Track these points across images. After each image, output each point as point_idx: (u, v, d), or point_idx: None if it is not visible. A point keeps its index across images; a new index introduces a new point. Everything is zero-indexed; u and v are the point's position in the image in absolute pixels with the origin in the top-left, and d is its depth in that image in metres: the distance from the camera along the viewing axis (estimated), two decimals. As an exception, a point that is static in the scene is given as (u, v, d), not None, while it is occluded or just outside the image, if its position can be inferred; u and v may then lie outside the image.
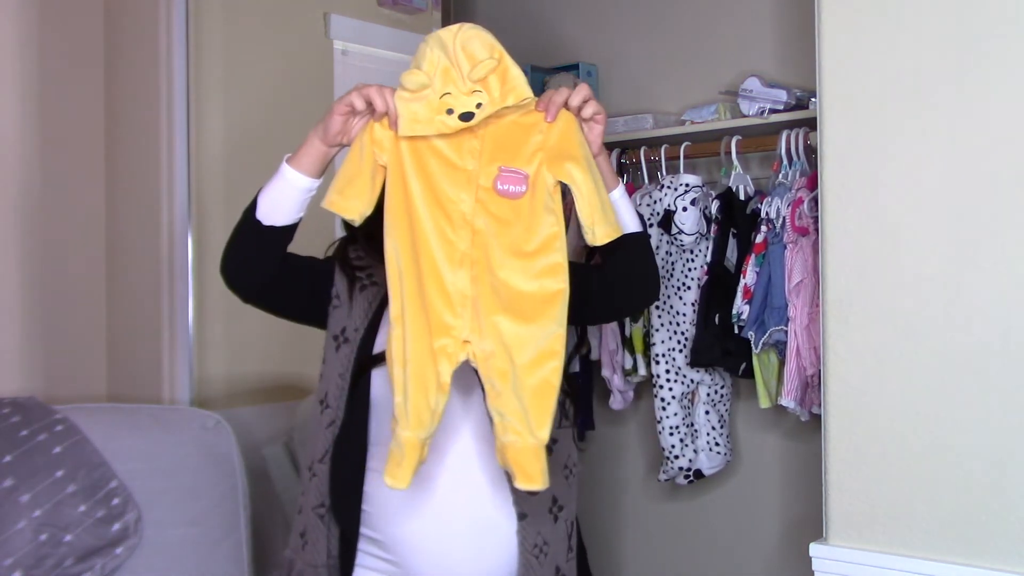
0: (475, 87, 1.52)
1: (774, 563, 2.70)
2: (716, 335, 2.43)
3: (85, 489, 2.02)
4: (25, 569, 1.91)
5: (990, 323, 1.66)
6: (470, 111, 1.51)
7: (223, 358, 2.58)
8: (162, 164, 2.47)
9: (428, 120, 1.52)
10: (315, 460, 1.67)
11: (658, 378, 2.54)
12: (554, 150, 1.53)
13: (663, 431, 2.54)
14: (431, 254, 1.51)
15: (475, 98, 1.52)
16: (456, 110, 1.51)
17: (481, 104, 1.52)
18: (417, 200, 1.54)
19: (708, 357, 2.47)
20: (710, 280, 2.47)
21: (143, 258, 2.53)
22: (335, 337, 1.69)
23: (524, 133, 1.54)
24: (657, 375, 2.54)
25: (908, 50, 1.73)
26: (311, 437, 1.70)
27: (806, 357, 2.28)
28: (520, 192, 1.52)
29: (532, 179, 1.52)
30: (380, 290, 1.69)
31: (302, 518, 1.70)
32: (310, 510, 1.67)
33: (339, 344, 1.68)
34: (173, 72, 2.45)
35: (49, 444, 2.04)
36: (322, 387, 1.70)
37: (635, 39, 2.96)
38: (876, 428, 1.76)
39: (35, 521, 1.94)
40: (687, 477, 2.57)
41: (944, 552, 1.69)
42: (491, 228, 1.51)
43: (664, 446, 2.55)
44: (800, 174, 2.40)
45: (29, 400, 2.18)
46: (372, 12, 2.92)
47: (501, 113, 1.54)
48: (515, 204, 1.51)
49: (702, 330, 2.45)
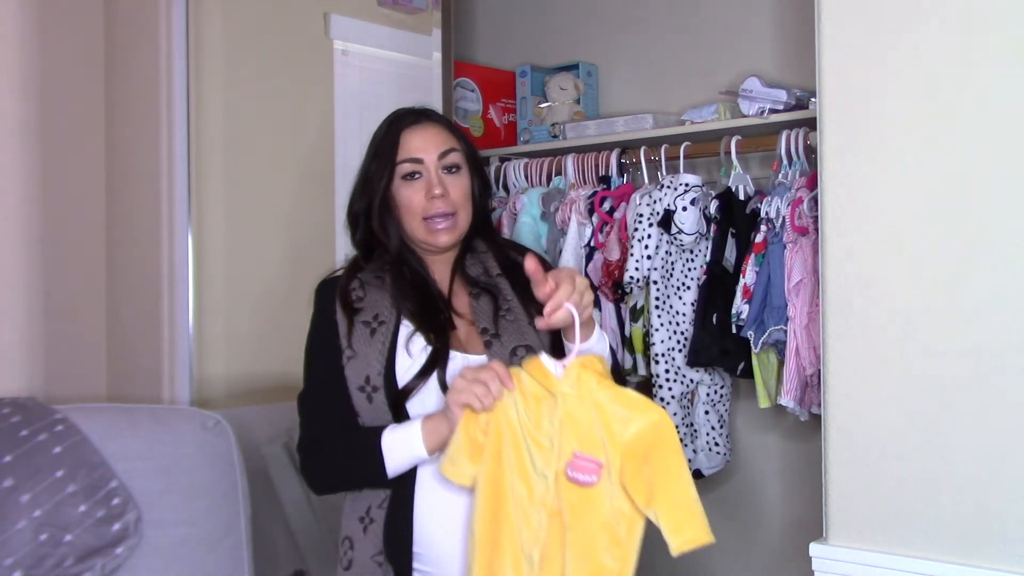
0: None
1: (774, 563, 2.70)
2: (714, 335, 2.44)
3: (85, 489, 2.02)
4: (25, 569, 1.90)
5: (990, 323, 1.66)
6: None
7: (223, 358, 2.58)
8: (162, 164, 2.47)
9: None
10: (373, 505, 1.71)
11: (657, 378, 2.54)
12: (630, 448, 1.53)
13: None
14: (512, 531, 1.53)
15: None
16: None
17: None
18: (507, 471, 1.55)
19: (706, 357, 2.47)
20: (708, 280, 2.47)
21: (143, 258, 2.53)
22: (361, 388, 1.71)
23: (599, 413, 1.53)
24: (656, 375, 2.55)
25: (908, 50, 1.73)
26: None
27: (805, 357, 2.28)
28: (592, 482, 1.51)
29: (606, 468, 1.52)
30: (389, 327, 1.71)
31: (358, 563, 1.72)
32: (369, 558, 1.71)
33: (369, 394, 1.70)
34: (173, 72, 2.45)
35: (49, 444, 2.04)
36: None
37: (635, 39, 2.96)
38: (876, 428, 1.76)
39: (35, 521, 1.94)
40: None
41: (944, 552, 1.69)
42: (565, 512, 1.52)
43: None
44: (800, 174, 2.40)
45: (29, 400, 2.18)
46: (372, 12, 2.92)
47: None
48: (586, 492, 1.52)
49: (700, 330, 2.46)
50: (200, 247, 2.50)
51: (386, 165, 1.75)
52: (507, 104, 3.05)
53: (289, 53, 2.73)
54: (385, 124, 1.81)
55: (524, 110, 3.02)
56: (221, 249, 2.59)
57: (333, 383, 1.73)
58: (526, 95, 3.02)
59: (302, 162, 2.80)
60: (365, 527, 1.72)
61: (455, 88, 2.92)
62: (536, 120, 2.98)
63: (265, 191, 2.70)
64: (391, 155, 1.75)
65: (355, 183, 1.83)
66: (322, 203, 2.85)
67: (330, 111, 2.85)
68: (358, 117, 2.93)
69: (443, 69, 2.87)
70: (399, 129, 1.77)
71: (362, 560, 1.72)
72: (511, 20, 3.19)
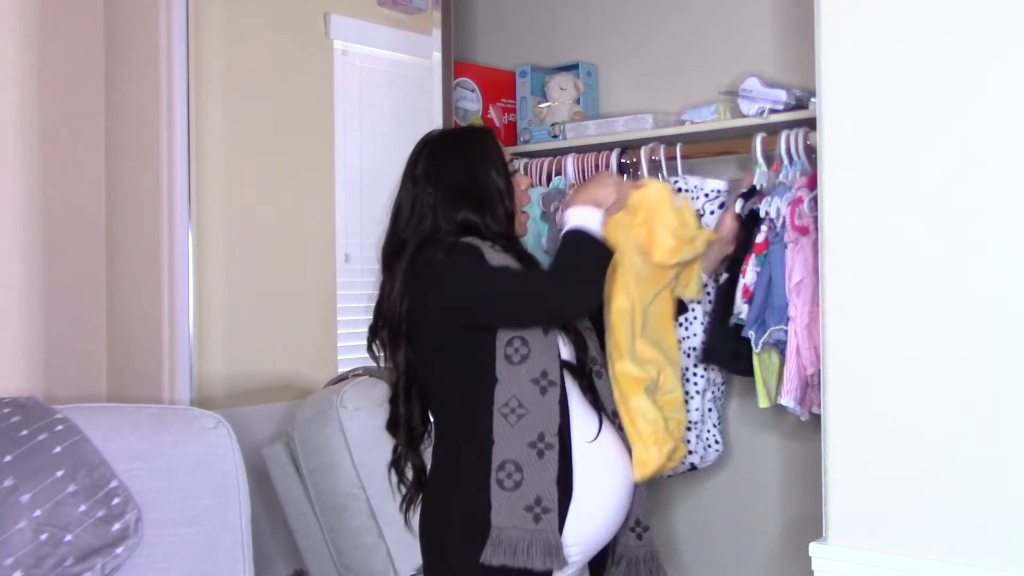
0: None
1: (774, 563, 2.70)
2: (728, 336, 2.42)
3: (85, 489, 2.02)
4: (25, 569, 1.91)
5: (990, 322, 1.66)
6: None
7: (223, 358, 2.58)
8: (162, 164, 2.47)
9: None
10: (547, 432, 1.86)
11: (686, 371, 2.53)
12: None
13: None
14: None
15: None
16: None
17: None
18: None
19: (718, 357, 2.44)
20: (729, 280, 2.45)
21: (143, 258, 2.53)
22: (535, 381, 1.86)
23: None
24: (685, 367, 2.53)
25: (908, 50, 1.73)
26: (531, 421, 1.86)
27: (806, 356, 2.28)
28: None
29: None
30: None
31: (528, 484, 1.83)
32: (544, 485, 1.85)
33: (544, 388, 1.86)
34: (173, 72, 2.45)
35: (49, 444, 2.04)
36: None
37: (635, 39, 2.95)
38: (876, 428, 1.76)
39: (35, 521, 1.94)
40: (681, 466, 2.58)
41: (944, 552, 1.69)
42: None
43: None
44: (800, 173, 2.40)
45: (29, 400, 2.18)
46: (372, 12, 2.92)
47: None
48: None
49: (715, 328, 2.44)
50: (200, 247, 2.50)
51: (503, 165, 2.03)
52: (507, 104, 3.05)
53: (289, 53, 2.73)
54: (480, 131, 2.16)
55: (524, 110, 3.02)
56: (221, 249, 2.59)
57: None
58: (526, 95, 3.01)
59: (302, 162, 2.80)
60: (540, 452, 1.83)
61: (455, 88, 2.92)
62: (536, 120, 2.98)
63: (265, 191, 2.70)
64: (502, 156, 2.03)
65: (463, 181, 1.99)
66: (322, 203, 2.85)
67: (330, 111, 2.85)
68: (358, 117, 2.93)
69: (443, 69, 2.87)
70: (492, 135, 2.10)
71: (533, 483, 1.82)
72: (511, 20, 3.19)
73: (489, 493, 1.81)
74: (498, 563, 1.79)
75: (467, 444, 1.88)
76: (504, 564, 1.79)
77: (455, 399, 1.92)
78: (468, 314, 1.89)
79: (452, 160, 2.01)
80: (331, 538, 2.47)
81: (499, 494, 1.81)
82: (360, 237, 2.90)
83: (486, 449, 1.83)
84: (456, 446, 1.91)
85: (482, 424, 1.85)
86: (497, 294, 1.89)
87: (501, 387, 1.85)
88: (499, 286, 1.89)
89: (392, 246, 1.99)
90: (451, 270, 1.89)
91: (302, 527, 2.52)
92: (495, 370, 1.86)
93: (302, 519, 2.51)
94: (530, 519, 1.80)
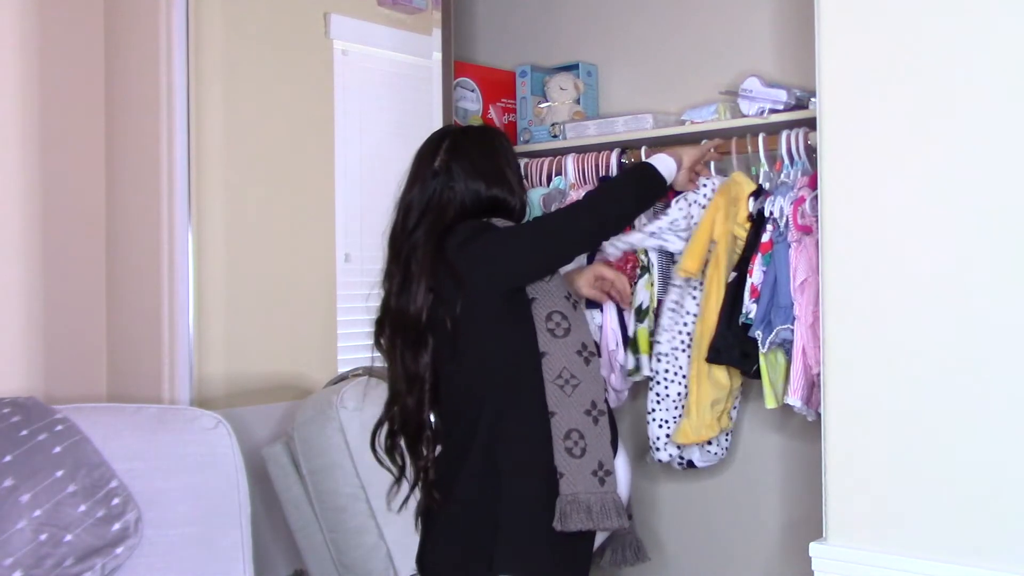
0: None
1: (774, 563, 2.70)
2: (737, 335, 2.41)
3: (85, 489, 2.02)
4: (25, 569, 1.91)
5: (990, 322, 1.66)
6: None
7: (223, 358, 2.58)
8: (162, 164, 2.47)
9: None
10: (598, 401, 1.97)
11: (656, 374, 2.55)
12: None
13: (652, 422, 2.56)
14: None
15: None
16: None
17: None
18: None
19: (728, 357, 2.43)
20: (738, 278, 2.44)
21: (143, 258, 2.53)
22: (579, 352, 1.97)
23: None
24: (656, 371, 2.55)
25: (908, 49, 1.73)
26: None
27: (811, 356, 2.27)
28: None
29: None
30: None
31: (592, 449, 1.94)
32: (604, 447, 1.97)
33: (587, 358, 1.97)
34: (173, 72, 2.45)
35: (49, 444, 2.04)
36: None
37: (635, 39, 2.96)
38: (876, 428, 1.76)
39: (35, 521, 1.94)
40: (680, 463, 2.58)
41: (944, 552, 1.69)
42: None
43: (650, 436, 2.57)
44: (802, 173, 2.40)
45: (29, 400, 2.18)
46: (372, 12, 2.92)
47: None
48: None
49: (725, 328, 2.42)
50: (200, 247, 2.50)
51: (517, 164, 2.15)
52: (507, 104, 3.05)
53: (289, 53, 2.73)
54: (495, 129, 2.31)
55: (524, 110, 3.02)
56: (221, 249, 2.59)
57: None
58: (526, 95, 3.01)
59: (302, 162, 2.80)
60: (595, 418, 1.93)
61: (455, 88, 2.92)
62: (536, 120, 2.98)
63: (265, 191, 2.70)
64: (515, 156, 2.17)
65: (508, 167, 2.11)
66: (322, 203, 2.85)
67: (330, 111, 2.85)
68: (358, 117, 2.93)
69: (443, 69, 2.87)
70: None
71: (595, 448, 1.92)
72: (511, 20, 3.19)
73: (555, 462, 1.89)
74: (574, 528, 1.86)
75: (514, 419, 1.92)
76: (579, 528, 1.86)
77: (497, 379, 1.95)
78: (521, 271, 1.97)
79: (473, 148, 2.07)
80: (331, 538, 2.47)
81: (569, 461, 1.89)
82: (360, 237, 2.89)
83: (545, 420, 1.90)
84: (494, 425, 1.93)
85: (534, 398, 1.90)
86: (547, 230, 2.01)
87: (550, 359, 1.92)
88: (545, 222, 2.09)
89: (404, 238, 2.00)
90: (488, 240, 1.95)
91: (302, 527, 2.52)
92: (539, 344, 1.92)
93: (302, 519, 2.51)
94: (596, 483, 1.89)
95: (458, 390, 2.00)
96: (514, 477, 1.91)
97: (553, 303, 1.98)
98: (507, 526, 1.90)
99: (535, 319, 1.95)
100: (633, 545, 2.16)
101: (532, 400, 1.91)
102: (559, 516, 1.88)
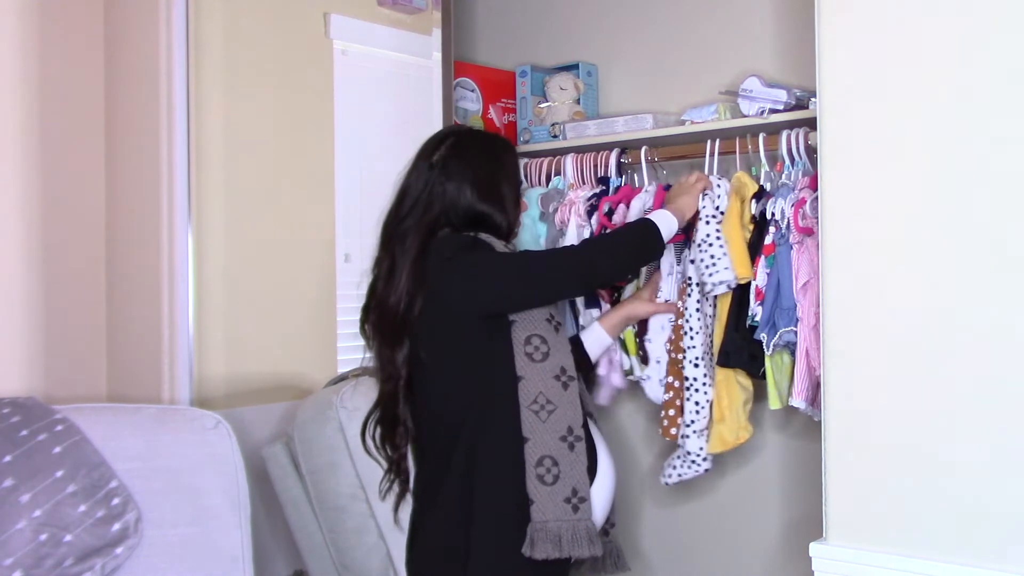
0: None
1: (774, 563, 2.70)
2: (745, 337, 2.39)
3: (85, 489, 2.02)
4: (25, 569, 1.91)
5: (990, 323, 1.66)
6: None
7: (223, 358, 2.58)
8: (162, 164, 2.47)
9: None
10: (575, 426, 1.94)
11: (695, 381, 2.43)
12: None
13: (696, 434, 2.43)
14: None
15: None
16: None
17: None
18: None
19: (737, 359, 2.39)
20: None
21: (143, 258, 2.53)
22: (557, 377, 1.95)
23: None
24: (695, 378, 2.46)
25: (908, 50, 1.73)
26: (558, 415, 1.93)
27: (815, 357, 2.26)
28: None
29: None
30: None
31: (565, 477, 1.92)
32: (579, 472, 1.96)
33: (566, 383, 1.95)
34: (173, 72, 2.45)
35: (49, 444, 2.04)
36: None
37: (635, 39, 2.95)
38: (876, 428, 1.76)
39: (35, 521, 1.94)
40: (708, 469, 2.52)
41: (944, 552, 1.69)
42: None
43: (692, 449, 2.43)
44: (803, 174, 2.40)
45: (29, 400, 2.18)
46: (372, 12, 2.92)
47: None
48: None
49: (733, 331, 2.40)
50: (200, 247, 2.50)
51: (517, 182, 2.15)
52: (507, 104, 3.05)
53: (289, 53, 2.73)
54: (505, 141, 2.23)
55: (524, 110, 3.02)
56: (221, 249, 2.59)
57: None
58: (526, 95, 3.01)
59: (302, 162, 2.80)
60: (571, 444, 1.92)
61: (455, 88, 2.92)
62: (536, 120, 2.97)
63: (265, 191, 2.70)
64: (519, 174, 2.19)
65: (500, 183, 2.07)
66: (322, 203, 2.85)
67: (330, 111, 2.85)
68: (358, 117, 2.93)
69: (443, 69, 2.87)
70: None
71: (569, 475, 1.91)
72: (511, 20, 3.19)
73: (527, 489, 1.86)
74: (542, 556, 1.85)
75: (488, 443, 1.90)
76: (547, 557, 1.85)
77: (472, 399, 1.93)
78: (502, 299, 1.94)
79: (475, 154, 2.05)
80: (331, 538, 2.47)
81: (540, 489, 1.87)
82: (360, 237, 2.89)
83: (519, 446, 1.88)
84: (472, 447, 1.91)
85: (508, 422, 1.88)
86: (538, 267, 1.99)
87: (526, 384, 1.90)
88: (539, 259, 2.04)
89: (394, 226, 2.00)
90: (477, 261, 1.93)
91: (302, 527, 2.52)
92: (516, 368, 1.90)
93: (302, 519, 2.51)
94: (568, 510, 1.88)
95: (437, 402, 2.00)
96: (488, 500, 1.90)
97: (533, 326, 1.95)
98: (478, 550, 1.89)
99: (513, 342, 1.92)
100: (613, 554, 2.16)
101: (506, 425, 1.89)
102: (528, 543, 1.86)
